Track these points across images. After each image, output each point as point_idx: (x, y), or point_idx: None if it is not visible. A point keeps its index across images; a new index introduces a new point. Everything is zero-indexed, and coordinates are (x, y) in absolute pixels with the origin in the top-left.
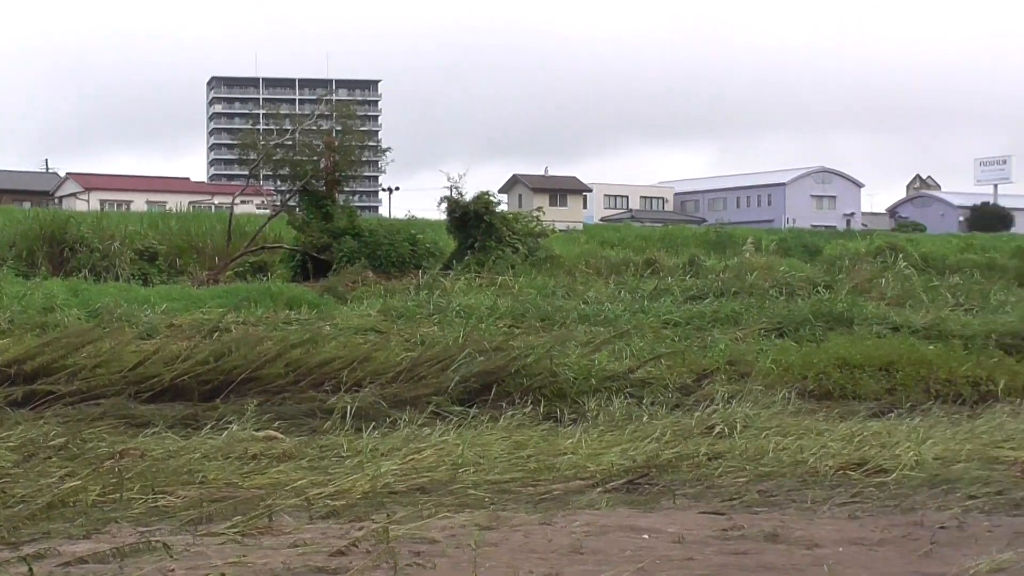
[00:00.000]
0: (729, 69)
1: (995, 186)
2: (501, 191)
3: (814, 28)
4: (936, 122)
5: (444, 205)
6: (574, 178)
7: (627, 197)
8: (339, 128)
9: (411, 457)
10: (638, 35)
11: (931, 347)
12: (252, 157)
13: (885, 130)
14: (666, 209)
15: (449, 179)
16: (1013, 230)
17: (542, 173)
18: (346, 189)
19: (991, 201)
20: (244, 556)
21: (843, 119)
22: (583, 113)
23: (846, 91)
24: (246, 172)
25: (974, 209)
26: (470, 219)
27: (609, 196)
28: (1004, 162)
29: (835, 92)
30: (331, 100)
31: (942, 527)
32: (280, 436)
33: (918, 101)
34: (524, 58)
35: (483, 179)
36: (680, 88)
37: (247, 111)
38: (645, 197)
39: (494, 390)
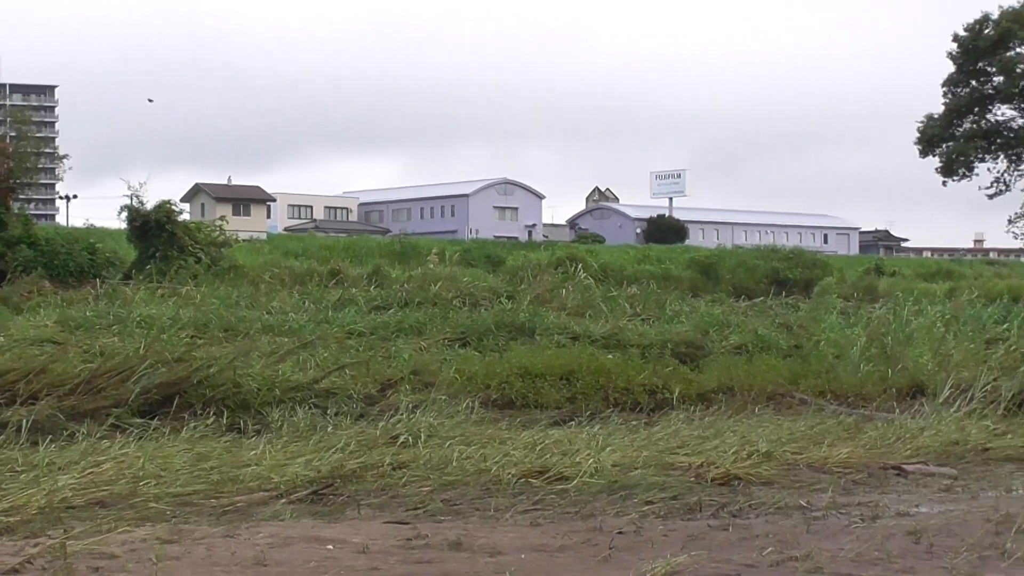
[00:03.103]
0: (419, 79)
1: (670, 199)
2: (183, 200)
3: (503, 41)
4: (616, 136)
5: (125, 214)
6: (258, 187)
7: (311, 207)
8: (13, 134)
9: (90, 471)
10: (326, 43)
11: (610, 356)
12: None
13: (567, 143)
14: (350, 219)
15: (130, 187)
16: (687, 242)
17: (225, 182)
18: (21, 197)
19: (667, 214)
20: None
21: (528, 132)
22: (268, 122)
23: (532, 104)
24: None
25: (650, 221)
26: (151, 228)
27: (293, 206)
28: (679, 176)
29: (521, 105)
30: (4, 105)
31: (620, 532)
32: None
33: (599, 115)
34: (208, 64)
35: (166, 188)
36: (369, 98)
37: None
38: (329, 207)
39: (176, 402)
